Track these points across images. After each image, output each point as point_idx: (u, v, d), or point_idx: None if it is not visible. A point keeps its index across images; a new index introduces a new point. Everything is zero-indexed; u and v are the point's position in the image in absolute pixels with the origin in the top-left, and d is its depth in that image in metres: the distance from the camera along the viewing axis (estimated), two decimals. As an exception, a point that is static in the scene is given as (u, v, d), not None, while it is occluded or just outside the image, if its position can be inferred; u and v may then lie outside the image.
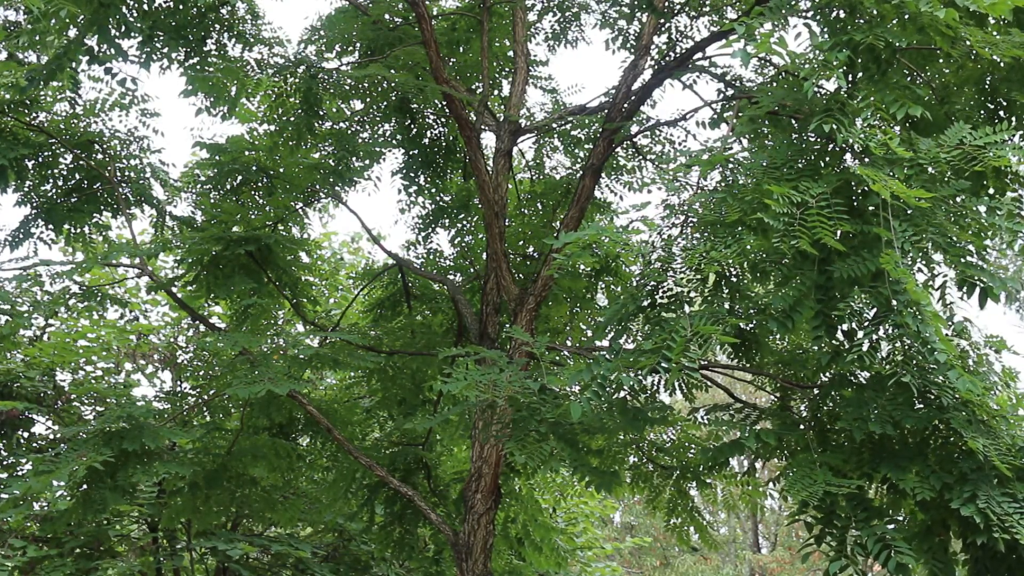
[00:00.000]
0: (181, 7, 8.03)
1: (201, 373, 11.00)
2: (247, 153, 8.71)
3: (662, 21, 8.33)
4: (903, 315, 4.41)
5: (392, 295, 9.93)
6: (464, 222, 10.01)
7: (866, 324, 4.79)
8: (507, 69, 9.80)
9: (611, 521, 24.11)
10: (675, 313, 4.93)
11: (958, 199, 4.73)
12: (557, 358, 8.56)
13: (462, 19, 9.35)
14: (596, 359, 5.10)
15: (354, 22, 8.98)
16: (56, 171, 8.79)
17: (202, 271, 8.29)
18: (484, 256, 8.89)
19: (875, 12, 5.00)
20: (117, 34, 7.13)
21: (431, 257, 10.11)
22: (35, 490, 6.75)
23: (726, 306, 5.34)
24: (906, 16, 4.86)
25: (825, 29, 5.22)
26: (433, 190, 9.96)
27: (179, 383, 12.00)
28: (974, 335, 5.42)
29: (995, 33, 5.25)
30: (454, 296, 8.49)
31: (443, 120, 9.74)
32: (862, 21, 5.17)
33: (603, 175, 9.17)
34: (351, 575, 11.49)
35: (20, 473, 10.14)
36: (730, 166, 5.51)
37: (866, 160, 4.93)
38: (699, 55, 7.90)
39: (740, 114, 6.18)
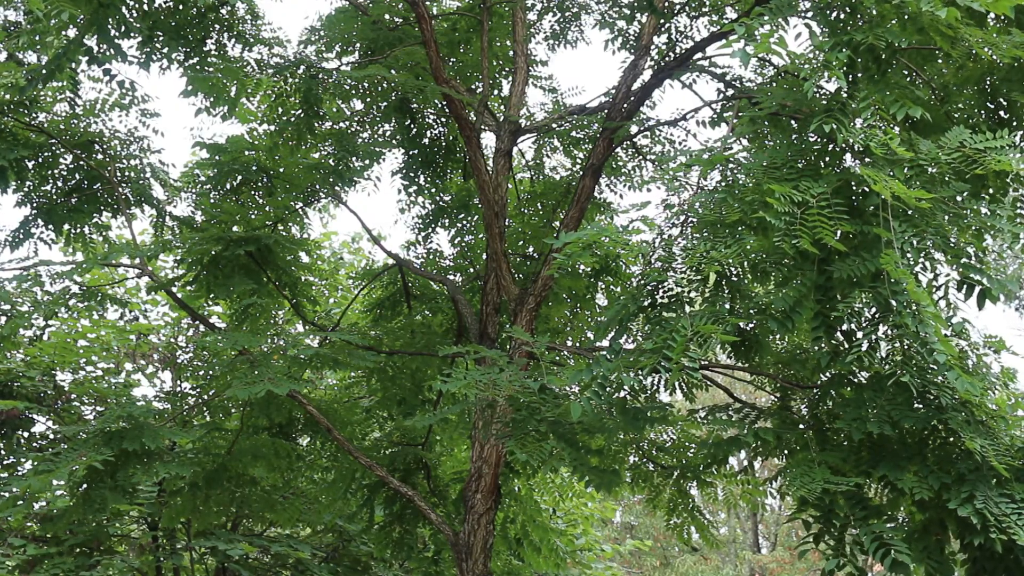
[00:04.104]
0: (181, 7, 8.03)
1: (201, 373, 11.00)
2: (247, 153, 8.71)
3: (662, 21, 8.33)
4: (902, 315, 4.41)
5: (392, 295, 9.93)
6: (464, 222, 10.01)
7: (865, 324, 4.80)
8: (507, 69, 9.80)
9: (611, 522, 24.11)
10: (675, 313, 4.94)
11: (958, 200, 4.73)
12: (557, 358, 8.56)
13: (462, 19, 9.35)
14: (596, 359, 5.10)
15: (354, 22, 8.99)
16: (56, 171, 8.80)
17: (202, 271, 8.29)
18: (484, 256, 8.89)
19: (875, 12, 5.00)
20: (117, 34, 7.13)
21: (431, 257, 10.11)
22: (35, 489, 6.76)
23: (726, 306, 5.35)
24: (906, 16, 4.86)
25: (825, 29, 5.22)
26: (433, 190, 9.96)
27: (179, 383, 12.00)
28: (973, 335, 5.42)
29: (995, 33, 5.26)
30: (454, 296, 8.49)
31: (443, 120, 9.75)
32: (862, 21, 5.17)
33: (603, 175, 9.18)
34: (351, 576, 11.49)
35: (20, 473, 10.14)
36: (730, 166, 5.51)
37: (866, 160, 4.94)
38: (699, 55, 7.90)
39: (740, 114, 6.19)
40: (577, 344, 9.53)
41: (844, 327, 4.94)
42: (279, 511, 9.77)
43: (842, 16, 5.20)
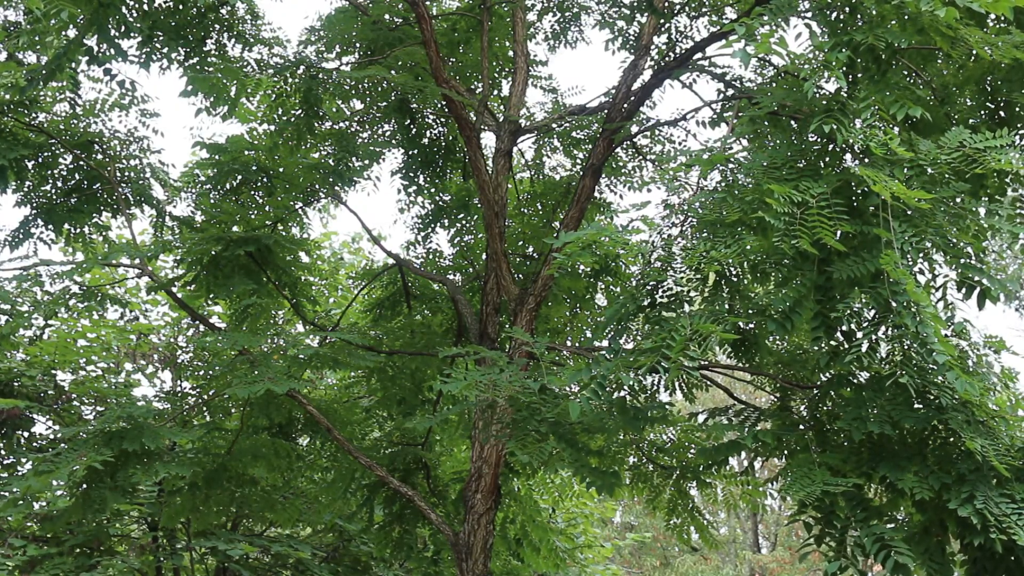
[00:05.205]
0: (181, 7, 8.03)
1: (201, 373, 11.00)
2: (247, 153, 8.71)
3: (662, 21, 8.34)
4: (902, 316, 4.41)
5: (392, 295, 9.93)
6: (464, 222, 10.01)
7: (865, 324, 4.80)
8: (507, 69, 9.80)
9: (611, 521, 24.10)
10: (675, 313, 4.94)
11: (958, 200, 4.73)
12: (557, 358, 8.56)
13: (462, 19, 9.35)
14: (596, 359, 5.10)
15: (354, 22, 8.99)
16: (56, 171, 8.80)
17: (202, 271, 8.29)
18: (484, 256, 8.89)
19: (875, 12, 5.00)
20: (117, 34, 7.13)
21: (431, 257, 10.11)
22: (35, 489, 6.75)
23: (726, 306, 5.35)
24: (906, 16, 4.86)
25: (825, 29, 5.22)
26: (433, 190, 9.97)
27: (179, 383, 12.00)
28: (973, 336, 5.42)
29: (995, 33, 5.25)
30: (454, 296, 8.49)
31: (443, 120, 9.75)
32: (862, 22, 5.17)
33: (603, 175, 9.17)
34: None
35: (20, 473, 10.14)
36: (730, 166, 5.51)
37: (866, 160, 4.94)
38: (699, 55, 7.90)
39: (740, 114, 6.19)
40: (577, 344, 9.53)
41: (844, 327, 4.93)
42: (279, 511, 9.76)
43: (842, 16, 5.19)
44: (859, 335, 4.90)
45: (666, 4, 8.29)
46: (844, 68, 4.86)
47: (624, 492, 8.53)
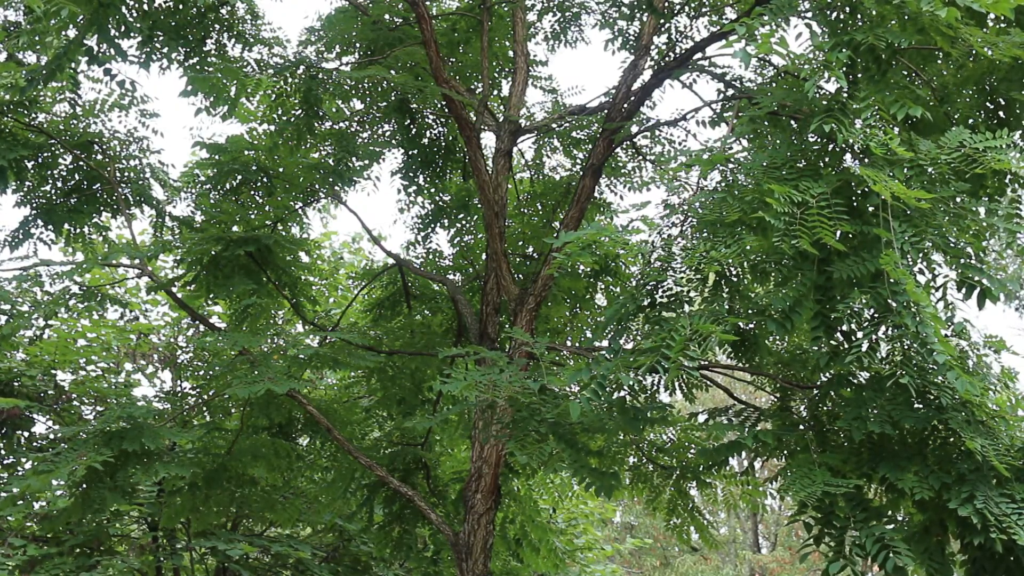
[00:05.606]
0: (181, 7, 8.04)
1: (201, 373, 11.00)
2: (247, 153, 8.71)
3: (662, 21, 8.34)
4: (902, 316, 4.41)
5: (392, 295, 9.93)
6: (464, 222, 10.02)
7: (865, 324, 4.80)
8: (507, 69, 9.80)
9: (611, 521, 24.09)
10: (675, 313, 4.94)
11: (958, 200, 4.73)
12: (557, 358, 8.56)
13: (462, 19, 9.35)
14: (596, 359, 5.10)
15: (354, 22, 8.99)
16: (56, 172, 8.80)
17: (202, 271, 8.30)
18: (484, 256, 8.89)
19: (875, 12, 5.00)
20: (117, 34, 7.13)
21: (431, 257, 10.11)
22: (34, 489, 6.76)
23: (726, 306, 5.35)
24: (906, 16, 4.86)
25: (825, 29, 5.22)
26: (432, 190, 9.97)
27: (179, 383, 12.00)
28: (973, 335, 5.42)
29: (995, 33, 5.26)
30: (454, 296, 8.49)
31: (443, 120, 9.75)
32: (862, 21, 5.17)
33: (603, 175, 9.17)
34: None
35: (20, 473, 10.14)
36: (730, 166, 5.52)
37: (866, 160, 4.94)
38: (699, 55, 7.90)
39: (740, 114, 6.19)
40: (577, 344, 9.53)
41: (844, 327, 4.94)
42: (279, 511, 9.76)
43: (842, 16, 5.20)
44: (859, 335, 4.90)
45: (666, 4, 8.29)
46: (844, 68, 4.86)
47: (624, 492, 8.53)
